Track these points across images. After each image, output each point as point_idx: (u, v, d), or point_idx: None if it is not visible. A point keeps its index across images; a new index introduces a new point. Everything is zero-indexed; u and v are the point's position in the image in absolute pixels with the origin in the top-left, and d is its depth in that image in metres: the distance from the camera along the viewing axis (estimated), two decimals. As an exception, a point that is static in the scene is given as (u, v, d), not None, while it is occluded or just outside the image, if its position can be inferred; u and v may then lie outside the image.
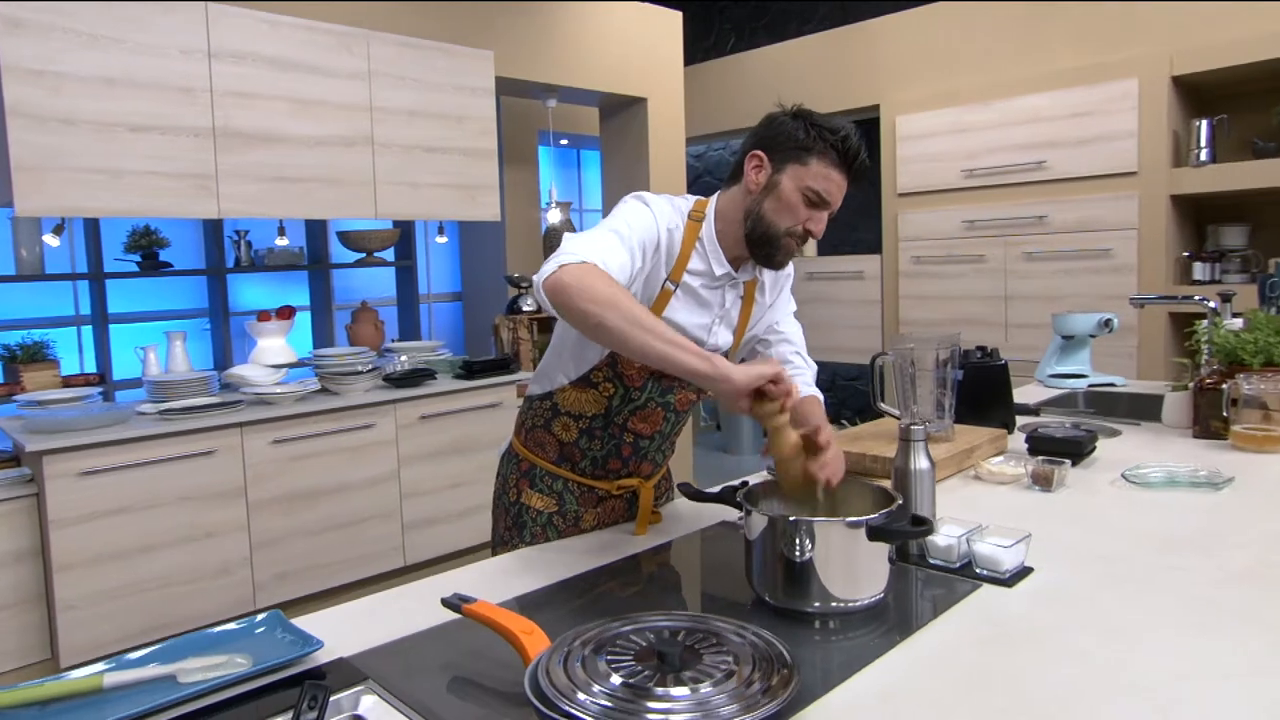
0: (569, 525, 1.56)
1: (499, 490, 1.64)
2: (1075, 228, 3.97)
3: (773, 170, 1.35)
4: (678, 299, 1.41)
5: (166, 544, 2.78)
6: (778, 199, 1.35)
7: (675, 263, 1.39)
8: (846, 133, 1.34)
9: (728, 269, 1.43)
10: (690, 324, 1.43)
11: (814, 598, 1.13)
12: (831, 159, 1.34)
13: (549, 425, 1.54)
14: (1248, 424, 1.99)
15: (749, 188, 1.38)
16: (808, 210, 1.35)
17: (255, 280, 4.60)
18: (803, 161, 1.33)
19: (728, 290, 1.46)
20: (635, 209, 1.37)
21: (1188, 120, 3.79)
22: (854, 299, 5.01)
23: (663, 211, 1.39)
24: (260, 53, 3.06)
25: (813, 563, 1.12)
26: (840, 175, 1.35)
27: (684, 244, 1.40)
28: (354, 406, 3.22)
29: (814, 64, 5.11)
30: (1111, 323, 2.94)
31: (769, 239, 1.37)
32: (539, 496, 1.55)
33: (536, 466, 1.57)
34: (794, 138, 1.34)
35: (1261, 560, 1.29)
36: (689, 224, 1.42)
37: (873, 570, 1.14)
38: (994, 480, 1.78)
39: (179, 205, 2.90)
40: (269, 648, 1.10)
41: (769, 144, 1.37)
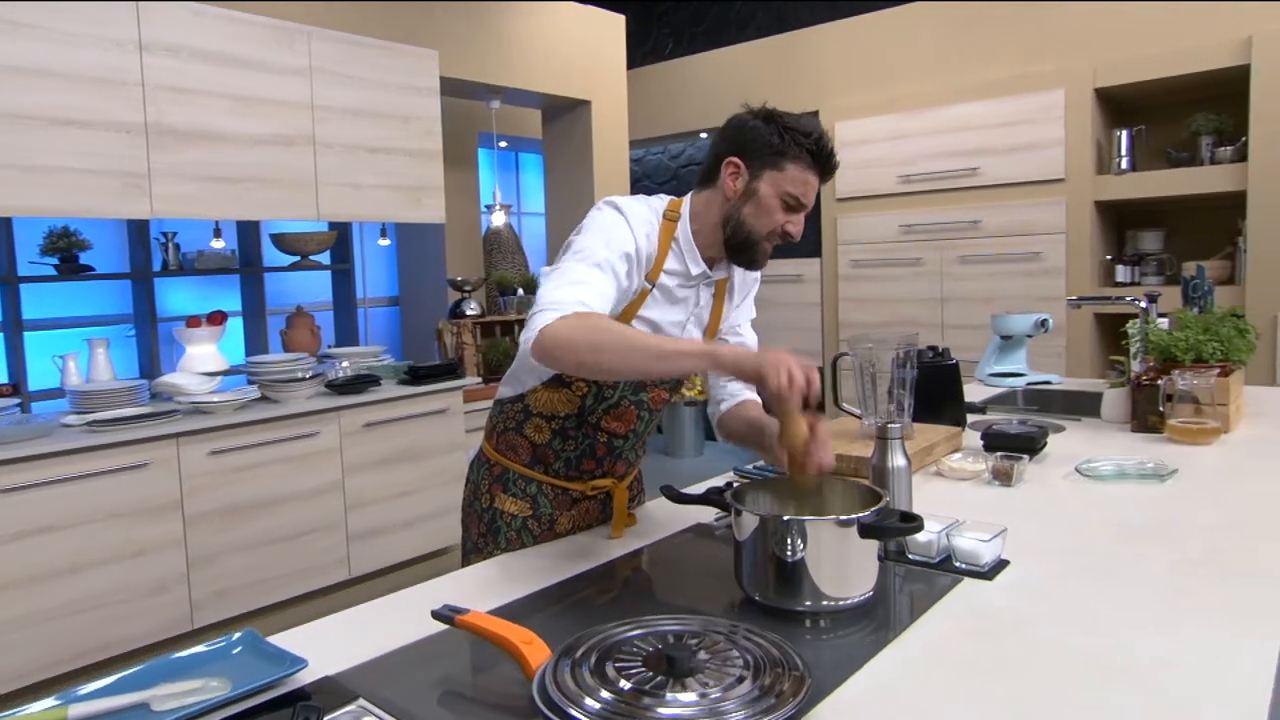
0: (544, 529, 1.54)
1: (469, 497, 1.61)
2: (1007, 232, 4.12)
3: (750, 177, 1.37)
4: (654, 298, 1.42)
5: (97, 563, 2.63)
6: (756, 205, 1.37)
7: (653, 263, 1.40)
8: (819, 134, 1.37)
9: (703, 269, 1.44)
10: (665, 321, 1.44)
11: (805, 596, 1.13)
12: (806, 162, 1.36)
13: (521, 428, 1.52)
14: (1182, 418, 2.10)
15: (726, 194, 1.39)
16: (785, 214, 1.38)
17: (184, 284, 4.39)
18: (779, 167, 1.35)
19: (702, 289, 1.48)
20: (612, 223, 1.36)
21: (1109, 130, 3.98)
22: (794, 302, 5.09)
23: (639, 218, 1.39)
24: (195, 46, 2.93)
25: (804, 562, 1.12)
26: (815, 177, 1.38)
27: (660, 244, 1.41)
28: (296, 415, 3.11)
29: (754, 69, 5.19)
30: (1047, 323, 3.06)
31: (750, 244, 1.39)
32: (513, 501, 1.53)
33: (509, 470, 1.55)
34: (769, 143, 1.35)
35: (1214, 548, 1.36)
36: (664, 224, 1.43)
37: (863, 568, 1.15)
38: (955, 476, 1.83)
39: (108, 205, 2.74)
40: (247, 669, 1.05)
41: (744, 150, 1.38)
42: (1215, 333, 2.25)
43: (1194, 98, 3.88)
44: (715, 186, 1.41)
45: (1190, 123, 3.81)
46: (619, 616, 1.06)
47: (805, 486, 1.26)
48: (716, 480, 1.89)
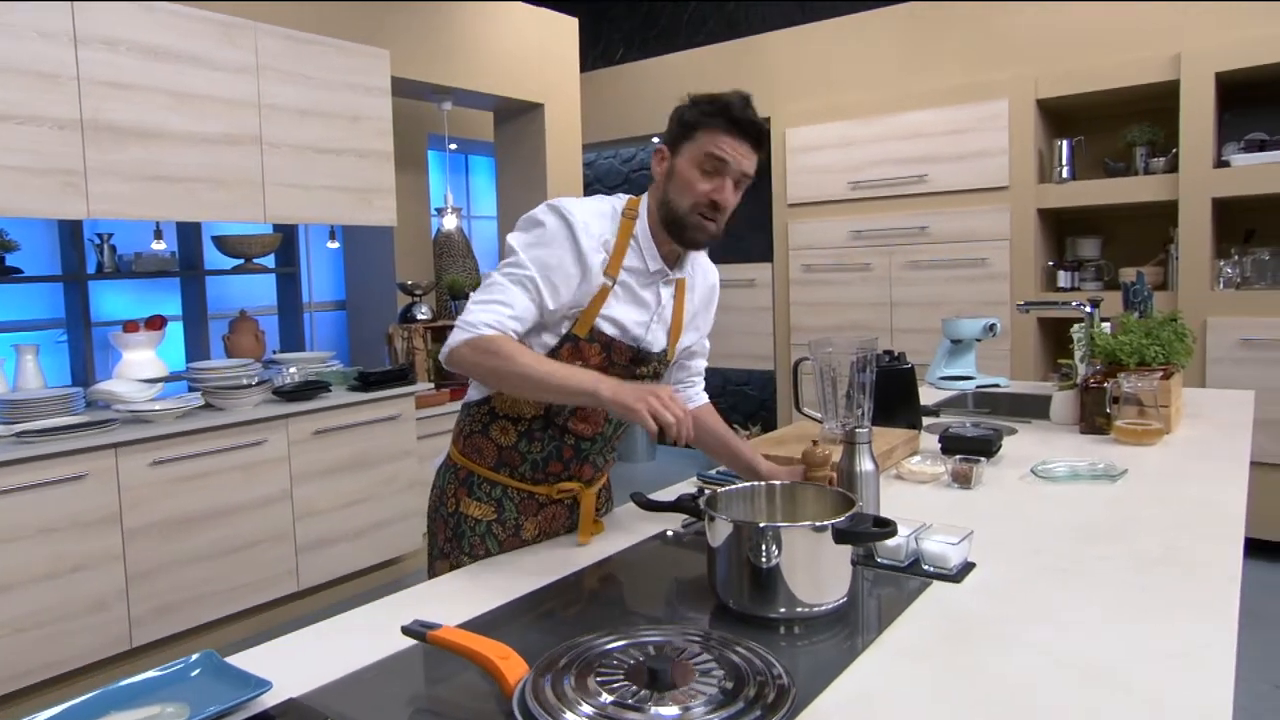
0: (509, 535, 1.52)
1: (435, 502, 1.58)
2: (954, 238, 4.22)
3: (671, 157, 1.42)
4: (615, 295, 1.44)
5: (27, 581, 2.50)
6: (678, 181, 1.40)
7: (611, 260, 1.42)
8: (728, 99, 1.38)
9: (661, 265, 1.47)
10: (629, 321, 1.46)
11: (780, 603, 1.13)
12: (718, 125, 1.37)
13: (487, 430, 1.51)
14: (1127, 419, 2.16)
15: (658, 181, 1.45)
16: (707, 181, 1.39)
17: (120, 288, 4.22)
18: (691, 138, 1.39)
19: (662, 287, 1.50)
20: (549, 235, 1.39)
21: (1050, 140, 4.11)
22: (746, 306, 5.13)
23: (586, 220, 1.41)
24: (135, 40, 2.81)
25: (779, 568, 1.12)
26: (730, 138, 1.37)
27: (619, 242, 1.43)
28: (242, 423, 3.01)
29: (705, 75, 5.22)
30: (995, 327, 3.13)
31: (677, 219, 1.42)
32: (477, 505, 1.51)
33: (474, 474, 1.52)
34: (682, 121, 1.41)
35: (1169, 546, 1.40)
36: (624, 222, 1.46)
37: (837, 573, 1.15)
38: (915, 479, 1.86)
39: (42, 205, 2.61)
40: (206, 693, 1.00)
41: (667, 137, 1.44)
42: (1157, 336, 2.33)
43: (1130, 110, 4.03)
44: (654, 180, 1.47)
45: (1125, 134, 3.95)
46: (591, 628, 1.04)
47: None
48: (684, 485, 1.89)
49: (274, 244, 4.19)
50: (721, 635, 0.98)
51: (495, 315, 1.34)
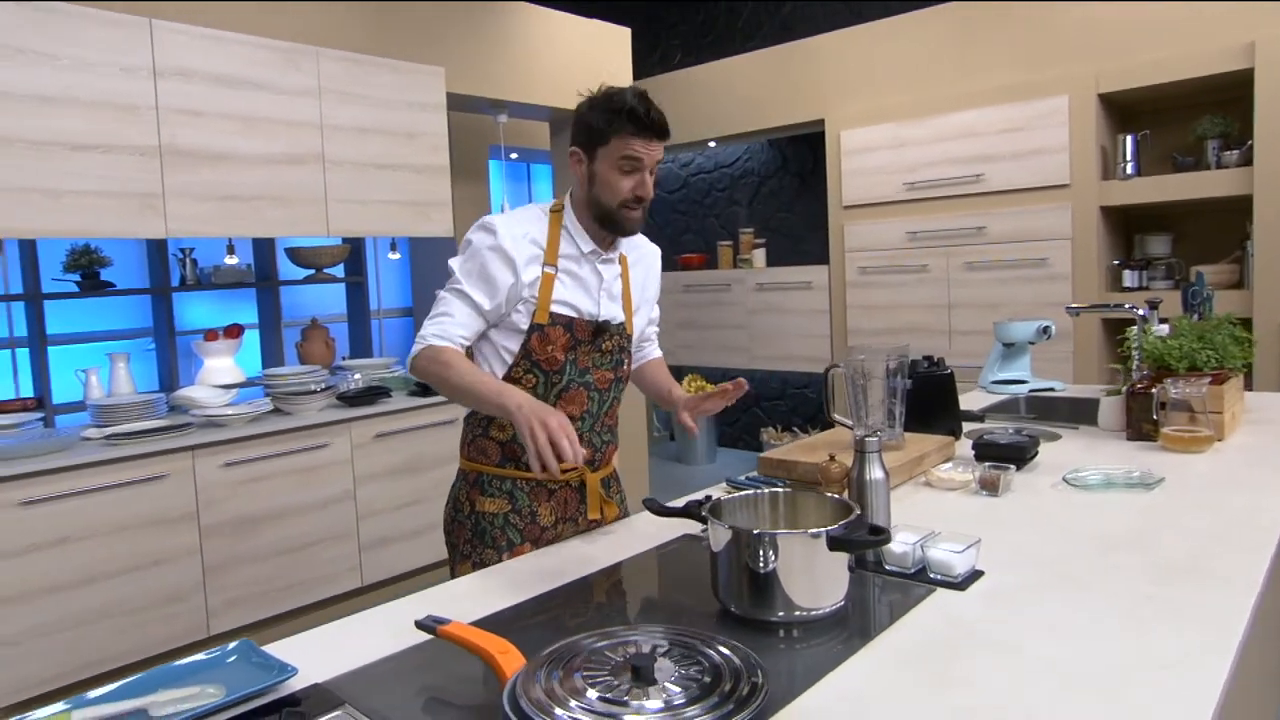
0: (526, 523, 1.64)
1: (450, 515, 1.71)
2: (1012, 238, 4.12)
3: (589, 162, 1.56)
4: (560, 282, 1.60)
5: (113, 573, 2.71)
6: (601, 182, 1.55)
7: (547, 251, 1.59)
8: (630, 105, 1.50)
9: (593, 246, 1.63)
10: (579, 302, 1.62)
11: (778, 607, 1.17)
12: (627, 130, 1.51)
13: (487, 431, 1.65)
14: (1176, 426, 2.11)
15: (580, 182, 1.60)
16: (628, 179, 1.54)
17: (202, 298, 4.50)
18: (605, 143, 1.52)
19: (600, 265, 1.65)
20: (476, 248, 1.56)
21: (1114, 135, 3.98)
22: (803, 309, 5.12)
23: (513, 228, 1.57)
24: (206, 70, 3.02)
25: (776, 573, 1.16)
26: (640, 139, 1.52)
27: (550, 236, 1.60)
28: (308, 426, 3.18)
29: (760, 79, 5.22)
30: (1049, 330, 3.06)
31: (608, 215, 1.58)
32: (491, 500, 1.63)
33: (483, 474, 1.65)
34: (594, 128, 1.53)
35: (1192, 556, 1.38)
36: (552, 217, 1.63)
37: (834, 579, 1.18)
38: (943, 486, 1.86)
39: (124, 225, 2.83)
40: (241, 677, 1.10)
41: (579, 140, 1.57)
42: (1210, 340, 2.26)
43: (1199, 102, 3.87)
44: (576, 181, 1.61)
45: (1195, 127, 3.80)
46: (595, 627, 1.10)
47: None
48: (713, 490, 1.94)
49: (342, 255, 4.40)
50: (706, 635, 1.03)
51: (440, 327, 1.53)
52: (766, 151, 5.90)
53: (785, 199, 5.83)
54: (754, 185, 6.00)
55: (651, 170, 1.56)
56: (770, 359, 5.34)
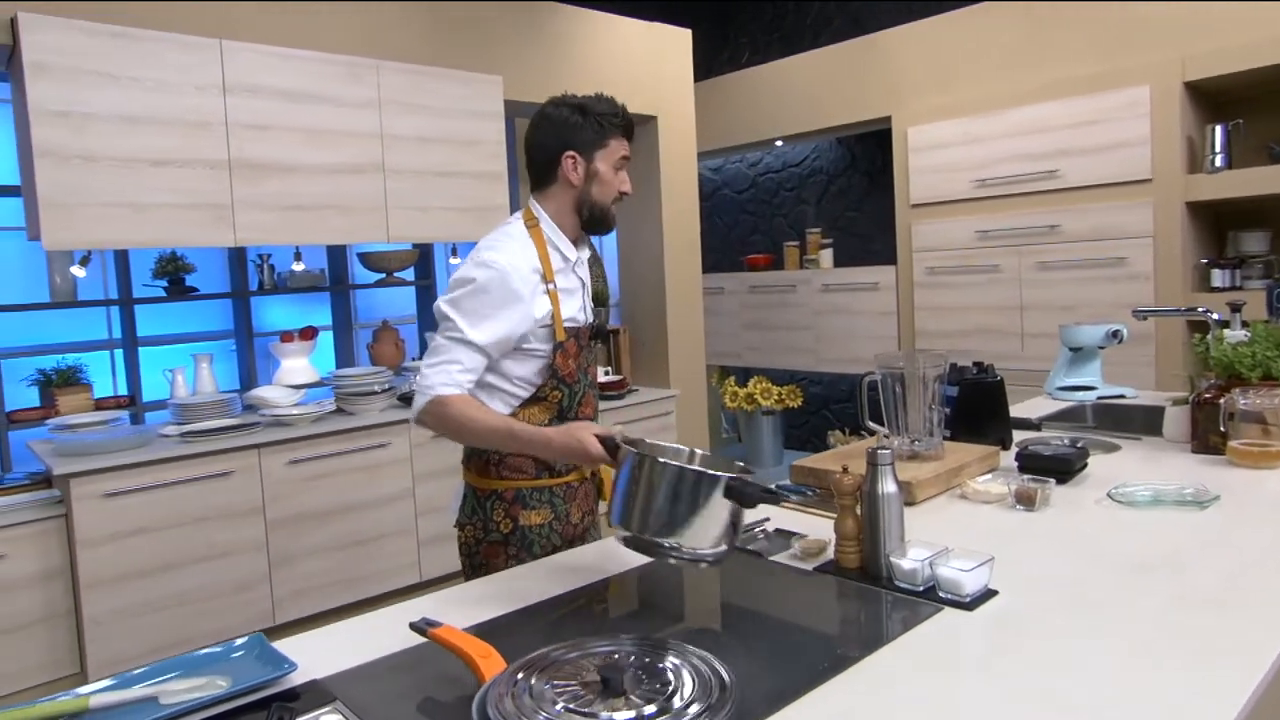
0: (564, 525, 1.71)
1: (475, 539, 1.70)
2: (1089, 236, 3.93)
3: (586, 162, 1.63)
4: (561, 295, 1.63)
5: (187, 562, 2.88)
6: (600, 181, 1.63)
7: (544, 271, 1.61)
8: (619, 111, 1.65)
9: (575, 253, 1.68)
10: (575, 309, 1.67)
11: (661, 534, 1.24)
12: (619, 133, 1.64)
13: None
14: (1245, 439, 1.97)
15: (573, 183, 1.63)
16: (618, 176, 1.66)
17: (281, 302, 4.72)
18: (604, 145, 1.63)
19: (578, 270, 1.71)
20: (482, 293, 1.54)
21: (1202, 125, 3.73)
22: (870, 310, 5.00)
23: (513, 256, 1.58)
24: (273, 85, 3.17)
25: (669, 503, 1.24)
26: (628, 140, 1.68)
27: (540, 255, 1.62)
28: (369, 426, 3.30)
29: (826, 76, 5.13)
30: (1120, 334, 2.91)
31: (604, 213, 1.66)
32: (535, 513, 1.67)
33: (521, 489, 1.67)
34: (591, 131, 1.62)
35: (1229, 583, 1.29)
36: (534, 234, 1.64)
37: (711, 520, 1.23)
38: (979, 499, 1.79)
39: (197, 235, 3.01)
40: (248, 670, 1.16)
41: (574, 144, 1.62)
42: (1287, 347, 2.10)
43: (1300, 87, 3.60)
44: (557, 182, 1.65)
45: (1295, 114, 3.53)
46: (587, 635, 1.11)
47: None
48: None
49: (412, 259, 4.54)
50: (678, 645, 1.03)
51: (446, 375, 1.52)
52: (835, 150, 5.79)
53: (854, 198, 5.71)
54: (822, 184, 5.89)
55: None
56: (837, 361, 5.23)
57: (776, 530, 1.65)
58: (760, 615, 1.32)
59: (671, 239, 4.64)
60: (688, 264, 4.77)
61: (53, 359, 3.63)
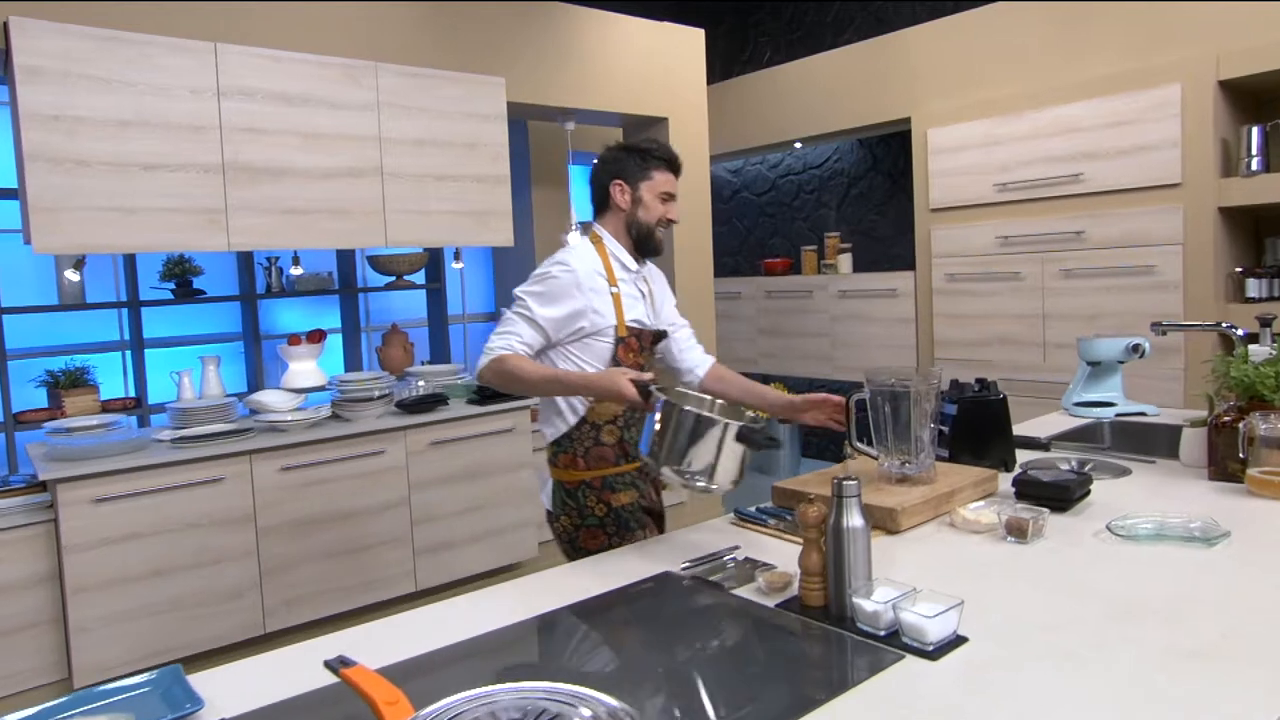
0: (649, 502, 1.97)
1: (572, 528, 1.91)
2: (1116, 243, 3.76)
3: (632, 191, 1.93)
4: (626, 298, 1.90)
5: (177, 568, 2.86)
6: (644, 207, 1.93)
7: (608, 276, 1.90)
8: (663, 146, 1.96)
9: (635, 266, 1.96)
10: (640, 315, 1.94)
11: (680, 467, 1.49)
12: (664, 168, 1.95)
13: (598, 439, 1.90)
14: (1265, 467, 1.83)
15: (622, 207, 1.94)
16: (664, 206, 1.94)
17: (292, 304, 4.72)
18: (648, 177, 1.93)
19: (639, 283, 1.98)
20: (552, 282, 1.83)
21: (1237, 127, 3.55)
22: (888, 317, 4.86)
23: (582, 262, 1.86)
24: (267, 88, 3.14)
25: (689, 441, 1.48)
26: (671, 174, 1.96)
27: (604, 263, 1.91)
28: (364, 433, 3.26)
29: (844, 76, 4.99)
30: (1142, 348, 2.75)
31: (648, 233, 1.94)
32: (624, 494, 1.91)
33: (607, 476, 1.91)
34: (636, 164, 1.93)
35: (1229, 632, 1.17)
36: (598, 248, 1.93)
37: (726, 459, 1.48)
38: (968, 529, 1.68)
39: (190, 239, 2.99)
40: (152, 707, 1.10)
41: (622, 175, 1.93)
42: (1316, 367, 1.94)
43: (1345, 86, 3.40)
44: (610, 208, 1.95)
45: (1339, 115, 3.33)
46: (516, 678, 1.03)
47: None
48: (720, 519, 1.84)
49: (421, 262, 4.51)
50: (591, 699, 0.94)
51: (506, 340, 1.80)
52: (856, 151, 5.65)
53: (876, 201, 5.56)
54: (843, 187, 5.76)
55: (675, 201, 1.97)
56: (854, 369, 5.09)
57: (745, 559, 1.56)
58: (709, 656, 1.23)
59: (682, 242, 4.55)
60: (699, 268, 4.67)
61: (62, 360, 3.66)
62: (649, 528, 1.94)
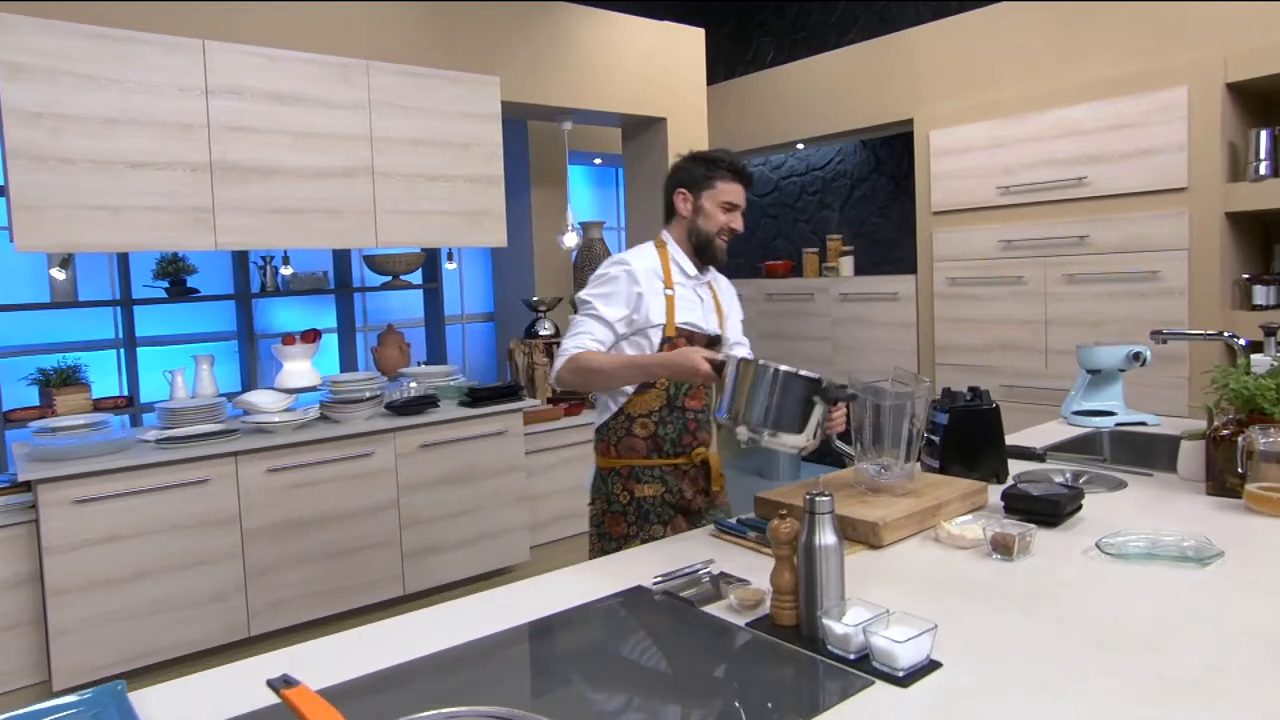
0: (676, 499, 1.99)
1: (600, 511, 2.01)
2: (1120, 248, 3.69)
3: (694, 199, 1.98)
4: (680, 300, 1.96)
5: (160, 570, 2.83)
6: (705, 215, 1.98)
7: (665, 278, 1.97)
8: (730, 157, 1.99)
9: (695, 272, 2.02)
10: (695, 317, 1.99)
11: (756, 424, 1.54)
12: (729, 178, 1.97)
13: (630, 430, 1.98)
14: (1265, 483, 1.77)
15: (683, 215, 2.00)
16: (726, 215, 1.98)
17: (289, 304, 4.70)
18: (711, 186, 1.97)
19: (700, 289, 2.04)
20: (610, 278, 1.92)
21: (1245, 130, 3.47)
22: (889, 321, 4.79)
23: (640, 262, 1.94)
24: (257, 87, 3.11)
25: (766, 396, 1.53)
26: (736, 185, 1.98)
27: (663, 265, 1.98)
28: (352, 435, 3.23)
29: (846, 77, 4.93)
30: (1143, 356, 2.69)
31: (708, 242, 1.99)
32: (649, 486, 1.97)
33: (635, 467, 1.98)
34: (701, 173, 1.98)
35: (1215, 663, 1.11)
36: (660, 252, 2.01)
37: (801, 416, 1.54)
38: (953, 544, 1.62)
39: (176, 238, 2.96)
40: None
41: (686, 184, 2.00)
42: (1319, 379, 1.88)
43: (1357, 89, 3.32)
44: (675, 216, 2.02)
45: (1350, 119, 3.26)
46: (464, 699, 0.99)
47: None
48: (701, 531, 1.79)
49: (418, 262, 4.47)
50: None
51: (578, 340, 1.88)
52: (859, 153, 5.59)
53: (879, 203, 5.50)
54: (846, 188, 5.69)
55: (743, 213, 2.00)
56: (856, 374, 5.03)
57: (721, 574, 1.51)
58: (669, 677, 1.18)
59: (681, 245, 4.50)
60: (698, 271, 4.62)
61: (55, 358, 3.63)
62: (673, 523, 1.97)
